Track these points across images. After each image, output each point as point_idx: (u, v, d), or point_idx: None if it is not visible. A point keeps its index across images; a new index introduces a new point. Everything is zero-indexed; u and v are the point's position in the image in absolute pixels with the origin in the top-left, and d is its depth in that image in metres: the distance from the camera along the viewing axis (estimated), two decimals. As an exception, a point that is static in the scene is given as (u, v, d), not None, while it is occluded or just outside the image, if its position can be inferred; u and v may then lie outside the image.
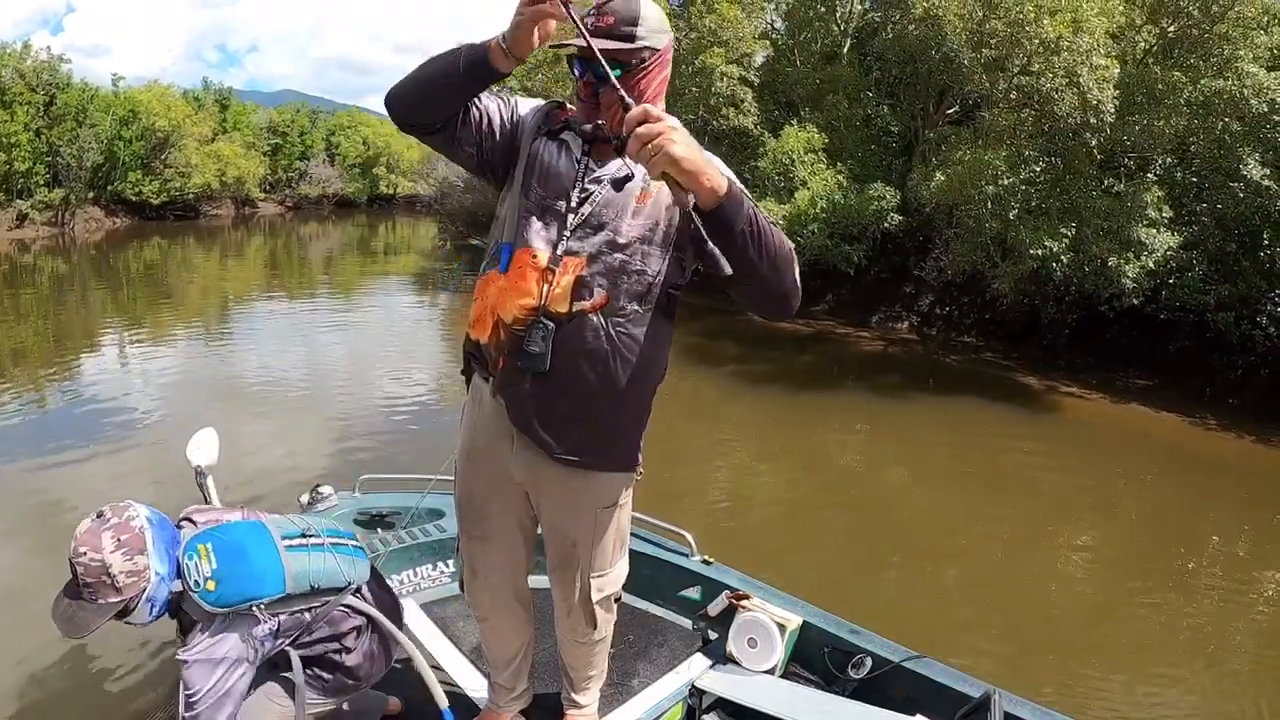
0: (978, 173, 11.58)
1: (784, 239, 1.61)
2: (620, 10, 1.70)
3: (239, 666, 1.88)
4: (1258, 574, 6.32)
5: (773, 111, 15.26)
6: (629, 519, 2.15)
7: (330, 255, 26.83)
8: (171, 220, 29.66)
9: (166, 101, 30.05)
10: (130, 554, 1.81)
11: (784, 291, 1.65)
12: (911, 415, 10.00)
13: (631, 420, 1.96)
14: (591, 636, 2.22)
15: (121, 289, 16.82)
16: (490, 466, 2.04)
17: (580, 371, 1.81)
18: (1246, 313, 10.97)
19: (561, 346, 1.79)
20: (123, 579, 1.80)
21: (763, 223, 1.54)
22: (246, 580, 1.89)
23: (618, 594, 2.24)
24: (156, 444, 7.03)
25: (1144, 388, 11.58)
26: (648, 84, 1.77)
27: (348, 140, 42.98)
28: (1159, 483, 8.30)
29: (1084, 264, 11.23)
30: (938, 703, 2.46)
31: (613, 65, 1.64)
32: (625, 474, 2.02)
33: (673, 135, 1.38)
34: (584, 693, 2.41)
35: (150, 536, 1.86)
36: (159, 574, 1.85)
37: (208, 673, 1.84)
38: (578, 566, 2.08)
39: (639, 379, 1.87)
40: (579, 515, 2.02)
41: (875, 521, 6.74)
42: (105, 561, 1.79)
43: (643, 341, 1.83)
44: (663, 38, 1.76)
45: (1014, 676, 4.46)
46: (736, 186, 1.50)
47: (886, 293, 15.60)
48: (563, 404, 1.85)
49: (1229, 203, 11.54)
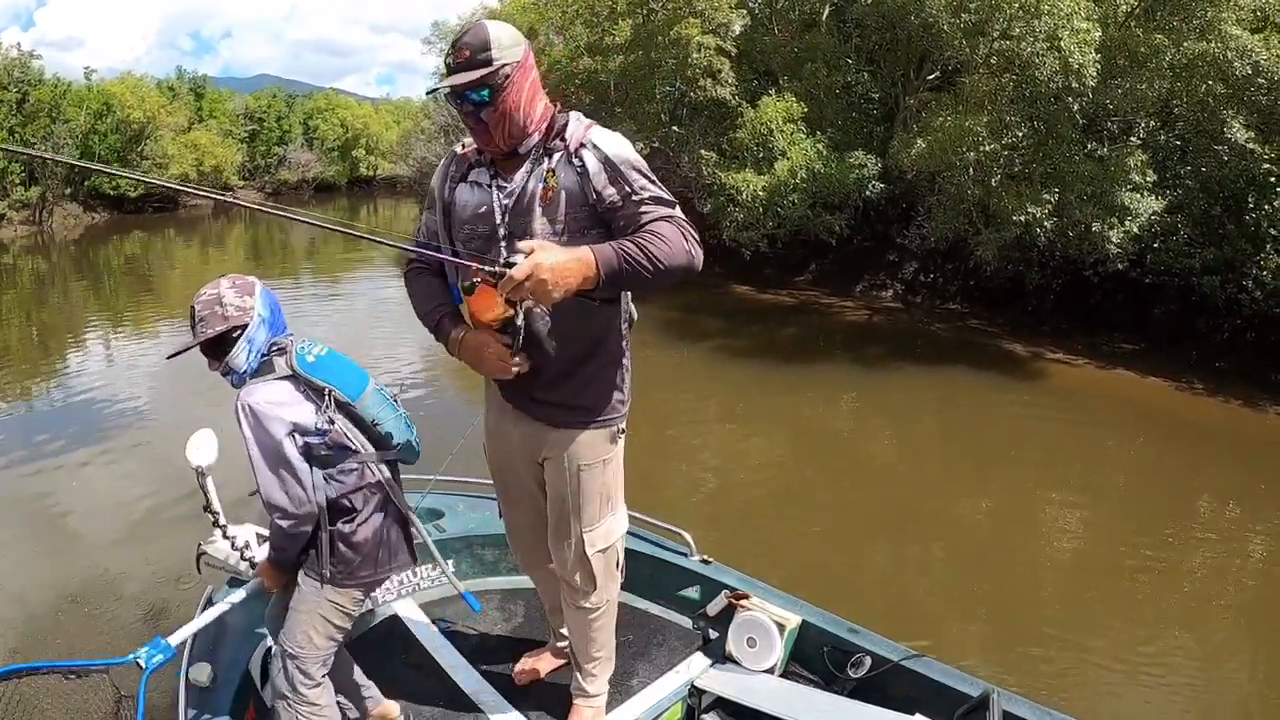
0: (959, 139, 11.40)
1: (664, 246, 1.89)
2: (472, 42, 1.92)
3: (292, 432, 2.18)
4: (1248, 536, 6.33)
5: (751, 81, 15.00)
6: (615, 478, 2.36)
7: (313, 240, 26.62)
8: (150, 212, 29.48)
9: (140, 93, 29.77)
10: (241, 293, 2.21)
11: (683, 275, 1.95)
12: (898, 385, 10.00)
13: (592, 382, 2.22)
14: (592, 598, 2.41)
15: (103, 284, 16.80)
16: (503, 440, 2.38)
17: (541, 353, 2.08)
18: (1232, 276, 10.84)
19: (525, 335, 2.05)
20: (231, 310, 2.18)
21: (638, 257, 1.86)
22: (337, 373, 2.28)
23: (619, 559, 2.49)
24: (146, 443, 7.09)
25: (1130, 352, 11.51)
26: (519, 92, 1.98)
27: (325, 123, 42.51)
28: (1147, 448, 8.30)
29: (1067, 229, 11.10)
30: (937, 702, 2.48)
31: (481, 88, 1.93)
32: (600, 430, 2.26)
33: (540, 279, 1.74)
34: (592, 680, 2.55)
35: (260, 290, 2.26)
36: (261, 316, 2.22)
37: (269, 419, 2.15)
38: (569, 522, 2.31)
39: (587, 346, 2.17)
40: (563, 473, 2.27)
41: (865, 492, 6.77)
42: (220, 294, 2.19)
43: (579, 316, 2.08)
44: (518, 50, 1.97)
45: (1006, 643, 4.59)
46: (604, 258, 1.83)
47: (870, 261, 15.48)
48: (534, 378, 2.14)
49: (1213, 166, 11.37)
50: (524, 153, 2.05)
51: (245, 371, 2.22)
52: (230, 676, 2.61)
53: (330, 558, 2.26)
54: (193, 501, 5.54)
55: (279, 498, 2.16)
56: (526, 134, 2.03)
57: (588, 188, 2.00)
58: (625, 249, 1.86)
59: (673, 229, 1.93)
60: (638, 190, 1.99)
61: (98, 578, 4.87)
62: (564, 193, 2.01)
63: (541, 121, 2.05)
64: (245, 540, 2.84)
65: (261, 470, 2.16)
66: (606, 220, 2.02)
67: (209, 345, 2.21)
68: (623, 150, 2.03)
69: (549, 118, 2.07)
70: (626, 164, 2.00)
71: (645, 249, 1.87)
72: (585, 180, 2.00)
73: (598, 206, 2.00)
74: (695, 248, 1.96)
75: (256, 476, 2.17)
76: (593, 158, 2.00)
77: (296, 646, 2.27)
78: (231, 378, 2.26)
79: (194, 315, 2.20)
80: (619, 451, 2.34)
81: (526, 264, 1.74)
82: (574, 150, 2.01)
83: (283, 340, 2.28)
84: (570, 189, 2.01)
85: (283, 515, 2.18)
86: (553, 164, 2.02)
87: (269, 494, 2.16)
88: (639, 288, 2.01)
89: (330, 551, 2.26)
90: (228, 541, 2.79)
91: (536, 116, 2.04)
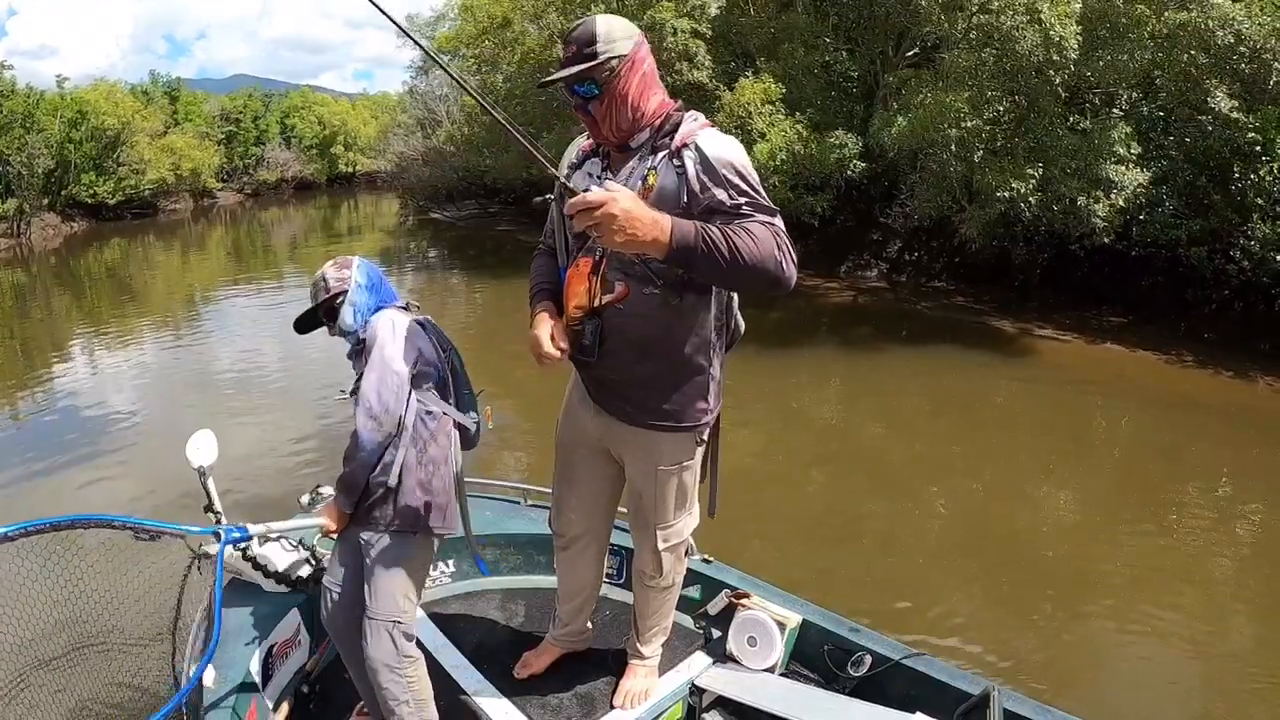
0: (940, 115, 11.26)
1: (752, 241, 1.80)
2: (580, 37, 1.95)
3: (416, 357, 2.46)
4: (1240, 507, 6.33)
5: (729, 63, 14.80)
6: (693, 481, 2.40)
7: (294, 240, 26.49)
8: (130, 219, 29.19)
9: (114, 99, 29.38)
10: (339, 268, 2.57)
11: (768, 282, 1.85)
12: (886, 366, 9.97)
13: (673, 386, 2.22)
14: (659, 582, 2.54)
15: (85, 294, 16.69)
16: (578, 421, 2.43)
17: (622, 352, 2.15)
18: (1219, 246, 10.75)
19: (606, 335, 2.13)
20: (332, 282, 2.54)
21: (718, 242, 1.78)
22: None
23: (688, 545, 2.63)
24: (138, 450, 7.08)
25: (1118, 325, 11.45)
26: (628, 86, 1.98)
27: (303, 121, 42.09)
28: (1138, 422, 8.26)
29: (1052, 204, 10.99)
30: (937, 700, 2.47)
31: (589, 83, 1.95)
32: (682, 434, 2.28)
33: (610, 213, 1.68)
34: (648, 644, 2.69)
35: (358, 262, 2.60)
36: (359, 283, 2.53)
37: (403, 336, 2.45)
38: (647, 516, 2.40)
39: (671, 350, 2.17)
40: (643, 472, 2.34)
41: (856, 474, 6.76)
42: (323, 273, 2.57)
43: (664, 318, 2.10)
44: (627, 44, 1.96)
45: (1001, 618, 4.62)
46: (681, 230, 1.76)
47: (854, 241, 15.35)
48: (615, 379, 2.22)
49: (1197, 136, 11.28)
50: (635, 147, 2.06)
51: (356, 329, 2.52)
52: (230, 676, 2.60)
53: (403, 505, 2.43)
54: (182, 503, 5.60)
55: (375, 400, 2.38)
56: (638, 128, 2.03)
57: (683, 189, 1.96)
58: (708, 230, 1.79)
59: (765, 232, 1.85)
60: (735, 195, 1.92)
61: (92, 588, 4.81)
62: (660, 192, 1.97)
63: (655, 117, 2.04)
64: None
65: (372, 370, 2.40)
66: None
67: (325, 313, 2.56)
68: (725, 153, 1.96)
69: (664, 114, 2.04)
70: (728, 167, 1.94)
71: (729, 238, 1.79)
72: (683, 181, 1.96)
73: (693, 208, 1.94)
74: (788, 261, 1.86)
75: (366, 377, 2.41)
76: (692, 158, 1.95)
77: (398, 611, 2.40)
78: (348, 337, 2.55)
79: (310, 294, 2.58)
80: (699, 455, 2.38)
81: (602, 193, 1.71)
82: (677, 149, 1.98)
83: (399, 304, 2.61)
84: (666, 188, 1.97)
85: (369, 415, 2.38)
86: (655, 162, 2.00)
87: (367, 392, 2.39)
88: (714, 278, 1.96)
89: (403, 499, 2.42)
90: None
91: (649, 111, 2.03)
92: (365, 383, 2.40)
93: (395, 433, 2.41)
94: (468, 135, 23.81)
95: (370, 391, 2.39)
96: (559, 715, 2.63)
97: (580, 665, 2.83)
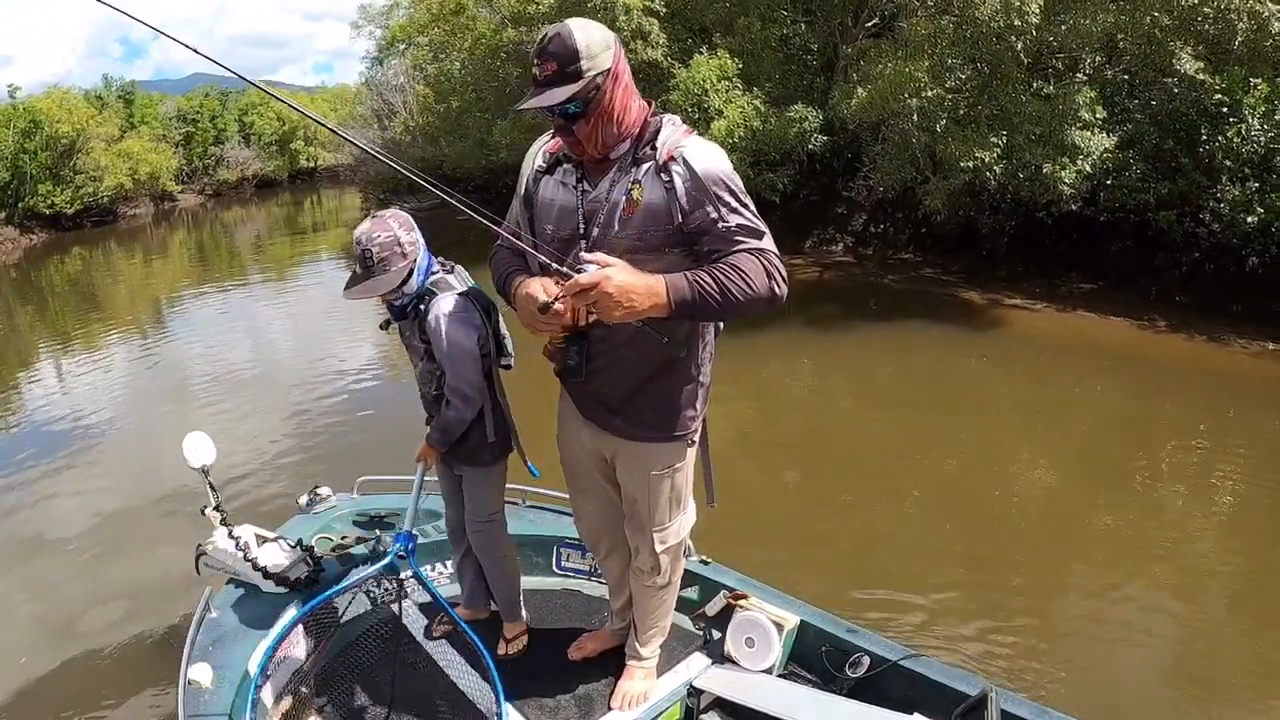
0: (900, 85, 10.99)
1: (742, 282, 1.80)
2: (559, 53, 1.79)
3: (478, 337, 2.61)
4: (1219, 471, 6.23)
5: (685, 40, 14.45)
6: (685, 481, 2.40)
7: (258, 239, 26.06)
8: (90, 227, 28.45)
9: (68, 106, 28.47)
10: (408, 229, 2.55)
11: (763, 309, 1.87)
12: (855, 343, 9.81)
13: (664, 399, 2.21)
14: (656, 581, 2.56)
15: (49, 307, 16.25)
16: (572, 434, 2.45)
17: (610, 370, 2.13)
18: (1188, 210, 10.54)
19: (594, 355, 2.08)
20: (408, 247, 2.53)
21: (713, 291, 1.79)
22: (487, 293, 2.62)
23: (686, 545, 2.67)
24: (114, 461, 6.96)
25: (1088, 292, 11.26)
26: (613, 102, 1.88)
27: (261, 118, 41.08)
28: (1112, 389, 8.10)
29: (1018, 171, 10.71)
30: (935, 701, 2.48)
31: (573, 104, 1.83)
32: (672, 444, 2.28)
33: (606, 292, 1.71)
34: (646, 645, 2.72)
35: (408, 219, 2.58)
36: (423, 246, 2.59)
37: (464, 324, 2.57)
38: (642, 519, 2.41)
39: (659, 365, 2.14)
40: (635, 478, 2.34)
41: (829, 455, 6.66)
42: (395, 235, 2.51)
43: (655, 335, 1.99)
44: (608, 56, 1.83)
45: (980, 597, 4.54)
46: (677, 289, 1.78)
47: (818, 216, 15.04)
48: (604, 394, 2.22)
49: (1163, 99, 11.06)
50: (614, 159, 1.97)
51: (412, 295, 2.60)
52: (230, 676, 2.62)
53: (490, 445, 2.77)
54: (165, 509, 5.73)
55: (466, 387, 2.60)
56: (620, 140, 1.95)
57: (673, 206, 1.89)
58: (701, 282, 1.80)
59: (755, 264, 1.84)
60: (725, 216, 1.87)
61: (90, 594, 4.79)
62: (647, 208, 1.91)
63: (634, 126, 1.95)
64: (246, 540, 3.01)
65: (453, 363, 2.57)
66: (690, 241, 1.93)
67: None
68: (714, 168, 1.89)
69: (642, 121, 1.96)
70: (719, 184, 1.88)
71: (722, 284, 1.80)
72: (672, 198, 1.89)
73: (683, 227, 1.90)
74: (778, 284, 1.87)
75: (448, 369, 2.58)
76: (681, 174, 1.88)
77: (493, 511, 2.89)
78: (401, 300, 2.62)
79: (370, 257, 2.49)
80: (690, 456, 2.37)
81: (595, 274, 1.71)
82: (663, 163, 1.90)
83: (437, 265, 2.67)
84: (654, 205, 1.91)
85: (463, 399, 2.61)
86: (639, 176, 1.92)
87: (458, 383, 2.59)
88: (711, 319, 2.08)
89: (488, 438, 2.75)
90: (232, 541, 2.98)
91: (630, 121, 1.94)
92: (452, 377, 2.59)
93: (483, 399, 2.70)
94: (423, 124, 23.42)
95: (459, 381, 2.60)
96: (557, 716, 2.67)
97: (578, 666, 2.88)
